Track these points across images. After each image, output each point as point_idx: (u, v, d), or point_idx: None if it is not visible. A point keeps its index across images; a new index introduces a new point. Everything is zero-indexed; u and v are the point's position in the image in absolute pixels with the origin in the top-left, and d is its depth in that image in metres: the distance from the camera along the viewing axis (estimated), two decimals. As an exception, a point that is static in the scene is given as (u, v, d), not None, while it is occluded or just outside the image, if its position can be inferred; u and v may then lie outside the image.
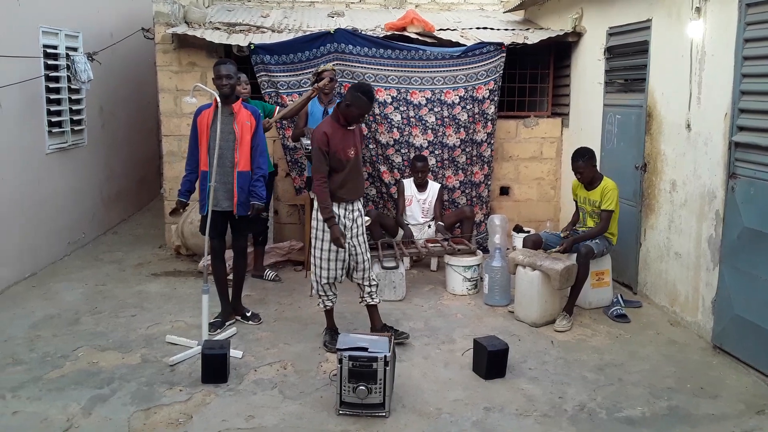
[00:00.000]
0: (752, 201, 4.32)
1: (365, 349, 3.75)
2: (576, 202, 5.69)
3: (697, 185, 4.98)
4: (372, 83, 6.93)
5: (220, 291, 5.08)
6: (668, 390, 4.13)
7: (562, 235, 5.61)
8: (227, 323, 5.04)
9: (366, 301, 4.76)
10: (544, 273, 5.09)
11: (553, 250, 5.39)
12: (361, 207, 4.72)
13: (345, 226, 4.56)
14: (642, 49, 5.77)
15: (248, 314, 5.21)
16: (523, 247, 5.64)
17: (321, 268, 4.60)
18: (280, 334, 4.97)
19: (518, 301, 5.33)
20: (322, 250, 4.57)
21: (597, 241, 5.36)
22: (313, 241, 4.64)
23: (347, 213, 4.59)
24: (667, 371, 4.39)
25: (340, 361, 3.73)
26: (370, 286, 4.73)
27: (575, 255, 5.28)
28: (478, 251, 6.17)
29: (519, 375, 4.32)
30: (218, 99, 4.62)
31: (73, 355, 4.56)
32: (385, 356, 3.71)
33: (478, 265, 5.96)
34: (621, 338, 4.96)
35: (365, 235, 4.74)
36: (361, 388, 3.70)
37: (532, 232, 6.79)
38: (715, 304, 4.73)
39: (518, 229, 7.19)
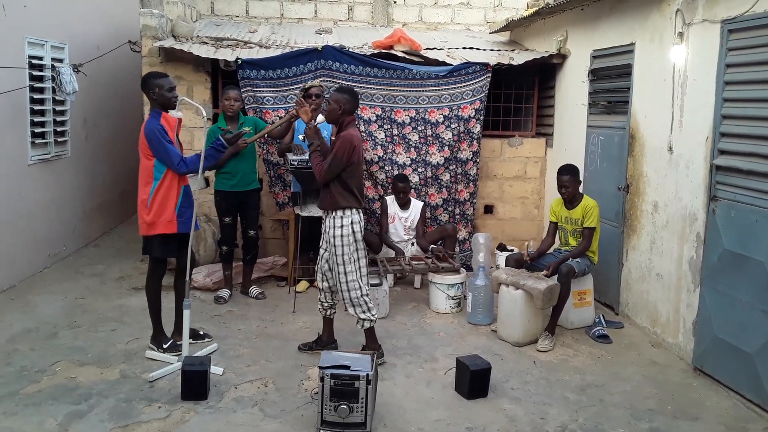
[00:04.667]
0: (733, 224, 4.38)
1: (347, 368, 3.72)
2: (555, 223, 5.70)
3: (678, 207, 5.03)
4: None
5: (158, 314, 4.85)
6: (649, 411, 4.14)
7: (525, 258, 5.58)
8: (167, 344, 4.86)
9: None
10: (527, 292, 5.11)
11: (540, 274, 5.40)
12: (329, 224, 4.61)
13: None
14: (625, 72, 5.85)
15: (201, 333, 5.08)
16: (506, 266, 5.66)
17: None
18: (262, 350, 4.93)
19: (501, 320, 5.33)
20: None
21: (578, 260, 5.39)
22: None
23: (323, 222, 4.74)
24: (649, 392, 4.41)
25: (322, 379, 3.69)
26: (348, 307, 4.67)
27: (557, 274, 5.30)
28: (462, 269, 6.17)
29: (501, 395, 4.31)
30: (204, 113, 4.60)
31: (51, 369, 4.49)
32: (368, 375, 3.68)
33: (462, 283, 5.97)
34: (603, 359, 4.98)
35: (344, 257, 4.56)
36: (342, 406, 3.67)
37: (516, 251, 6.82)
38: (695, 325, 4.77)
39: (502, 247, 7.22)
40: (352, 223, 4.58)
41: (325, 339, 4.95)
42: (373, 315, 4.67)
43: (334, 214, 4.59)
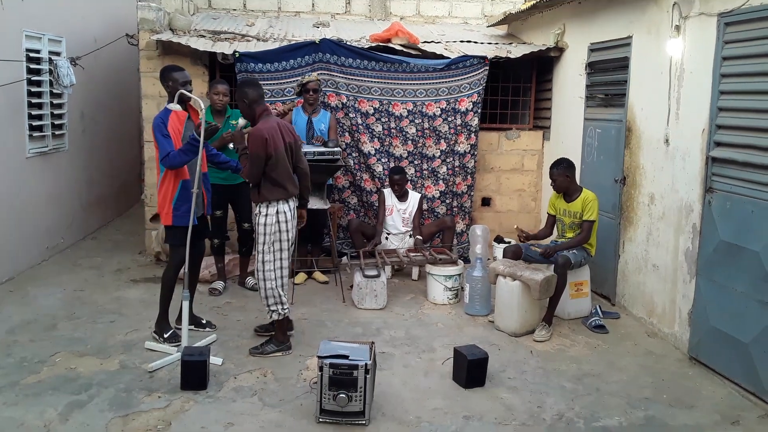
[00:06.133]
0: (728, 215, 4.41)
1: (346, 357, 3.75)
2: (553, 216, 5.73)
3: (674, 199, 5.07)
4: (355, 94, 7.00)
5: (168, 301, 4.91)
6: (645, 400, 4.18)
7: (512, 241, 5.61)
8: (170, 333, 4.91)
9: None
10: (524, 283, 5.14)
11: (534, 247, 5.45)
12: (255, 212, 4.62)
13: None
14: (622, 65, 5.87)
15: (203, 321, 5.16)
16: (504, 257, 5.69)
17: None
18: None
19: (498, 310, 5.36)
20: None
21: (575, 251, 5.42)
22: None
23: None
24: (644, 382, 4.45)
25: (321, 368, 3.72)
26: (262, 298, 4.68)
27: (554, 265, 5.33)
28: (459, 261, 6.20)
29: (498, 384, 4.35)
30: (202, 106, 4.62)
31: (51, 360, 4.51)
32: (366, 364, 3.71)
33: (459, 274, 5.99)
34: (599, 349, 5.01)
35: (264, 245, 4.59)
36: (341, 395, 3.70)
37: (513, 242, 6.85)
38: (691, 315, 4.80)
39: (499, 239, 7.24)
40: (277, 212, 4.57)
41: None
42: (283, 309, 4.67)
43: (261, 204, 4.59)
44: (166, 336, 4.82)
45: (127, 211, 9.75)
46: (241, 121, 4.72)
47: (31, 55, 6.57)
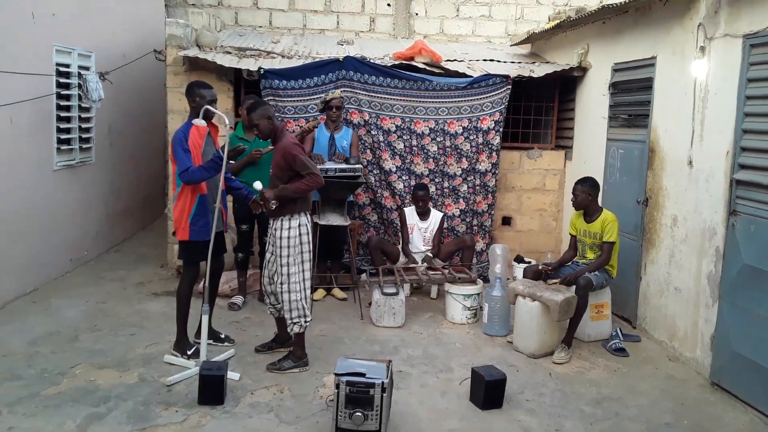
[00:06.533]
0: (752, 238, 4.35)
1: (363, 375, 3.75)
2: (575, 237, 5.69)
3: (698, 221, 5.01)
4: (378, 112, 7.04)
5: (185, 318, 4.92)
6: (666, 426, 4.11)
7: (540, 267, 5.60)
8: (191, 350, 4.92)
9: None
10: (544, 304, 5.10)
11: (552, 281, 5.40)
12: (276, 227, 4.63)
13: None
14: (646, 85, 5.84)
15: (222, 336, 5.19)
16: (524, 277, 5.66)
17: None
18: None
19: (517, 331, 5.32)
20: None
21: (596, 273, 5.37)
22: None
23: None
24: (665, 407, 4.38)
25: (338, 386, 3.72)
26: (285, 311, 4.69)
27: (574, 287, 5.28)
28: (479, 280, 6.17)
29: (516, 406, 4.31)
30: (227, 122, 4.68)
31: (71, 372, 4.56)
32: (383, 383, 3.70)
33: (479, 294, 5.96)
34: (619, 372, 4.95)
35: (289, 258, 4.60)
36: (357, 414, 3.69)
37: (533, 262, 6.80)
38: (713, 340, 4.73)
39: (519, 259, 7.21)
40: (299, 225, 4.62)
41: (282, 336, 5.02)
42: (306, 321, 4.68)
43: (282, 217, 4.61)
44: (190, 353, 4.83)
45: (151, 225, 9.85)
46: (257, 185, 4.61)
47: (61, 69, 6.71)
